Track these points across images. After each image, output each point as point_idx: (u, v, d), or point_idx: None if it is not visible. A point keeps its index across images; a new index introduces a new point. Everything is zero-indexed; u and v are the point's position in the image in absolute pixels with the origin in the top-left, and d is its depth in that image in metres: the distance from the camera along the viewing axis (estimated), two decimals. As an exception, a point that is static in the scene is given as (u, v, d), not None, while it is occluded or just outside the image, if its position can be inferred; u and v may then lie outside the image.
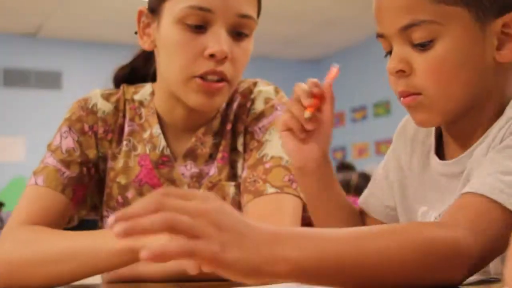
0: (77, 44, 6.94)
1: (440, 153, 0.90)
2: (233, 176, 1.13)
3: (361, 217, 1.04)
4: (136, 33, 1.12)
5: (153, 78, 1.20)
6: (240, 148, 1.14)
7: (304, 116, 0.86)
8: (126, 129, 1.16)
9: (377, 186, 1.03)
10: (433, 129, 0.92)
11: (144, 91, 1.19)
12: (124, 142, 1.15)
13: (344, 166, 4.58)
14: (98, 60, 6.46)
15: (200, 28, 1.02)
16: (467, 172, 0.81)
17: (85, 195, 1.14)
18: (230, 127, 1.15)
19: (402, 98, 0.83)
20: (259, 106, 1.15)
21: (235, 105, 1.16)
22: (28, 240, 1.00)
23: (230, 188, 1.12)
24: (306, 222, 1.16)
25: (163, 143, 1.14)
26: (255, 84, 1.18)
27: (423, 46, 0.78)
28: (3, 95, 6.66)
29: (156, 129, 1.14)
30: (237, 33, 1.04)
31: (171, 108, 1.12)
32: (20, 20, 6.28)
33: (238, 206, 1.11)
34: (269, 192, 1.05)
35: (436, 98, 0.80)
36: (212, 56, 1.01)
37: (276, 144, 1.10)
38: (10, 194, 6.16)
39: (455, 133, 0.87)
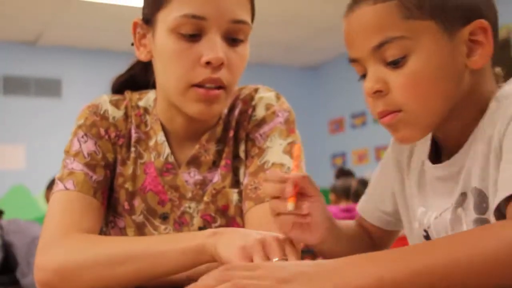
0: (77, 52, 6.94)
1: (437, 157, 0.91)
2: (236, 183, 1.13)
3: (359, 228, 1.05)
4: (132, 44, 1.12)
5: (154, 86, 1.20)
6: (242, 155, 1.14)
7: (288, 208, 0.84)
8: (133, 136, 1.16)
9: (373, 192, 1.05)
10: (429, 135, 0.93)
11: (148, 97, 1.19)
12: (132, 149, 1.15)
13: (344, 173, 4.58)
14: (98, 68, 6.47)
15: (194, 36, 1.02)
16: (466, 171, 0.81)
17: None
18: (232, 134, 1.15)
19: (381, 119, 0.83)
20: (260, 112, 1.15)
21: (236, 111, 1.16)
22: (81, 246, 0.98)
23: (234, 195, 1.11)
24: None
25: (167, 150, 1.14)
26: (256, 90, 1.18)
27: (397, 63, 0.79)
28: (3, 102, 6.65)
29: (161, 137, 1.14)
30: (232, 39, 1.04)
31: (172, 117, 1.13)
32: (20, 28, 6.28)
33: (241, 213, 1.11)
34: None
35: (416, 113, 0.80)
36: (208, 63, 1.01)
37: (277, 151, 1.10)
38: (9, 202, 6.14)
39: (442, 136, 0.88)
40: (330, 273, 0.63)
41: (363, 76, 0.85)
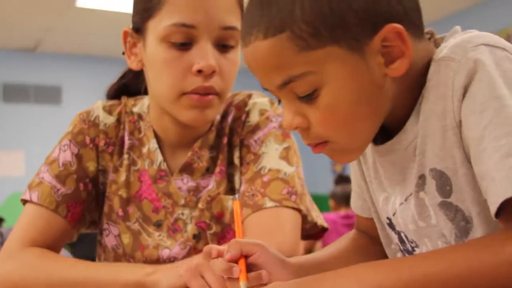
0: (76, 59, 6.96)
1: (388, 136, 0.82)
2: (230, 190, 1.12)
3: (357, 237, 0.97)
4: (123, 53, 1.12)
5: (145, 93, 1.20)
6: (236, 161, 1.13)
7: None
8: (126, 142, 1.15)
9: (355, 185, 0.97)
10: None
11: (142, 103, 1.19)
12: (125, 156, 1.15)
13: (343, 179, 4.57)
14: (98, 75, 6.45)
15: (185, 45, 1.01)
16: (420, 151, 0.74)
17: (83, 211, 1.13)
18: (226, 140, 1.14)
19: (312, 148, 0.77)
20: (254, 118, 1.14)
21: (230, 118, 1.15)
22: (32, 263, 1.02)
23: (229, 202, 1.11)
24: (307, 234, 1.15)
25: (160, 157, 1.13)
26: (249, 96, 1.18)
27: (309, 96, 0.71)
28: (3, 110, 6.66)
29: (153, 144, 1.14)
30: (223, 46, 1.04)
31: (165, 124, 1.12)
32: (19, 35, 6.29)
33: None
34: (268, 206, 1.04)
35: (344, 141, 0.74)
36: (200, 71, 1.00)
37: (273, 157, 1.09)
38: (9, 209, 6.14)
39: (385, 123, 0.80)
40: (328, 280, 0.63)
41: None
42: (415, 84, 0.74)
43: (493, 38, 0.70)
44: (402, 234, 0.82)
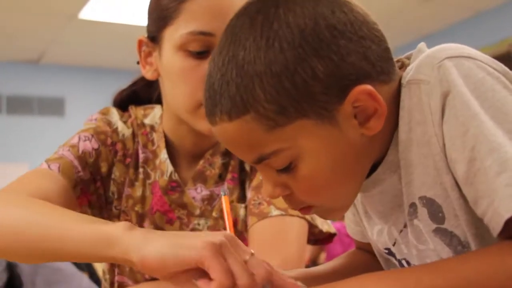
0: (79, 71, 6.98)
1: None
2: (243, 197, 1.11)
3: (358, 254, 0.98)
4: (138, 63, 1.10)
5: (156, 101, 1.19)
6: (247, 168, 1.12)
7: None
8: (141, 156, 1.13)
9: (353, 213, 0.95)
10: None
11: (154, 114, 1.16)
12: (140, 170, 1.12)
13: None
14: (101, 86, 6.49)
15: (203, 53, 0.99)
16: (406, 181, 0.72)
17: (84, 205, 1.05)
18: None
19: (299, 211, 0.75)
20: None
21: None
22: (16, 205, 0.89)
23: (241, 210, 1.10)
24: (315, 239, 1.14)
25: (170, 168, 1.11)
26: None
27: (287, 169, 0.69)
28: (6, 122, 6.68)
29: (163, 154, 1.12)
30: None
31: (180, 133, 1.11)
32: (22, 47, 6.32)
33: (247, 228, 1.09)
34: (274, 214, 1.03)
35: (328, 205, 0.73)
36: None
37: None
38: (13, 221, 6.13)
39: None
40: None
41: None
42: (389, 114, 0.70)
43: (457, 48, 0.68)
44: (404, 261, 0.81)
